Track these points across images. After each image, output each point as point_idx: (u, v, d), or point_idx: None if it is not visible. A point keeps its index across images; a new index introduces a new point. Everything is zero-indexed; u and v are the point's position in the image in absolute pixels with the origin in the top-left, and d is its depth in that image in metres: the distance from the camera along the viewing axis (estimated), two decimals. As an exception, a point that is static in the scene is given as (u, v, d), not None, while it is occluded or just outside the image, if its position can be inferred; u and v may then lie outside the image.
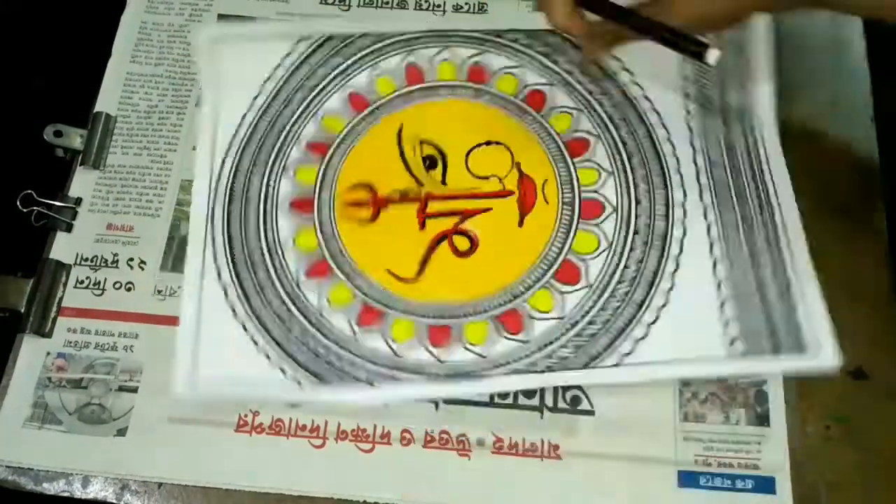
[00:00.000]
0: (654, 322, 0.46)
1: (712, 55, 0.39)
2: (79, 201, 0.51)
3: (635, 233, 0.48)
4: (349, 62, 0.54)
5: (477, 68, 0.54)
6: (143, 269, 0.50)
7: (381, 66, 0.54)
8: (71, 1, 0.59)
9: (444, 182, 0.50)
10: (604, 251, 0.48)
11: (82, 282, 0.49)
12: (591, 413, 0.45)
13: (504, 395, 0.45)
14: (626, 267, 0.47)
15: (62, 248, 0.50)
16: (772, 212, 0.48)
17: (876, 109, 0.52)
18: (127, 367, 0.47)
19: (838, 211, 0.49)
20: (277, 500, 0.44)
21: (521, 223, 0.49)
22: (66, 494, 0.44)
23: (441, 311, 0.47)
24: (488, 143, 0.51)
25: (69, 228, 0.51)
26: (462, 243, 0.49)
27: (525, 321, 0.46)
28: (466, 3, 0.57)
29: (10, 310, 0.48)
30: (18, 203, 0.51)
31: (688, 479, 0.43)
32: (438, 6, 0.57)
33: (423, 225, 0.49)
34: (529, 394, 0.45)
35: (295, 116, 0.52)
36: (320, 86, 0.53)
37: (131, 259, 0.50)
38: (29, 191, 0.51)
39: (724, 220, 0.48)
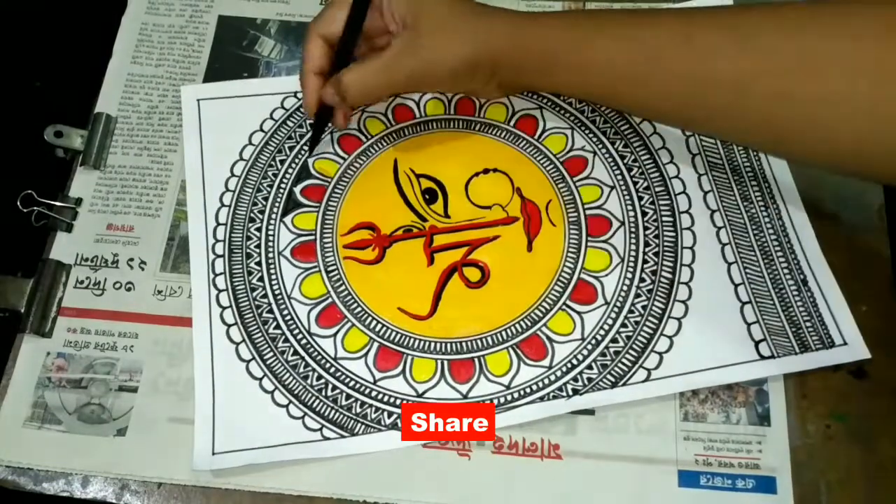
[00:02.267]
0: (676, 333, 0.46)
1: None
2: (79, 201, 0.52)
3: (646, 245, 0.48)
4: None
5: (464, 101, 0.53)
6: (143, 269, 0.50)
7: (368, 109, 0.53)
8: (71, 1, 0.59)
9: (446, 215, 0.49)
10: (616, 266, 0.47)
11: (82, 282, 0.49)
12: (591, 413, 0.45)
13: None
14: (641, 280, 0.47)
15: (62, 248, 0.50)
16: (777, 209, 0.48)
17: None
18: (127, 367, 0.47)
19: (838, 211, 0.49)
20: (277, 500, 0.44)
21: (529, 248, 0.48)
22: (65, 494, 0.44)
23: (460, 345, 0.46)
24: (486, 171, 0.50)
25: (69, 228, 0.51)
26: (473, 274, 0.48)
27: (546, 346, 0.46)
28: (466, 4, 0.57)
29: (10, 310, 0.48)
30: (19, 203, 0.51)
31: (688, 478, 0.43)
32: (438, 7, 0.57)
33: (431, 260, 0.48)
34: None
35: (286, 164, 0.52)
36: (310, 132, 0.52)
37: (131, 259, 0.50)
38: (29, 191, 0.51)
39: (732, 222, 0.48)
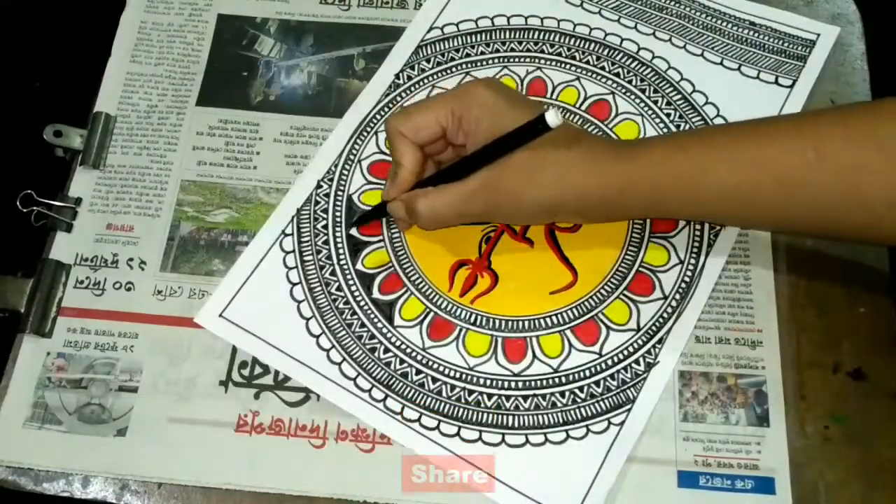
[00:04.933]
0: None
1: (552, 118, 0.38)
2: (79, 201, 0.51)
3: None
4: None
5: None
6: (143, 269, 0.50)
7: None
8: (71, 1, 0.59)
9: None
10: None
11: (82, 282, 0.49)
12: (591, 413, 0.45)
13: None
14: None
15: (62, 248, 0.50)
16: None
17: (876, 109, 0.52)
18: (127, 367, 0.47)
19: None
20: (278, 500, 0.44)
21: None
22: (66, 494, 0.44)
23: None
24: None
25: (69, 228, 0.51)
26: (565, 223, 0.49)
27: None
28: (466, 3, 0.57)
29: (10, 310, 0.48)
30: (18, 203, 0.51)
31: (688, 479, 0.43)
32: (438, 6, 0.57)
33: (530, 243, 0.49)
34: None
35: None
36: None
37: (131, 259, 0.50)
38: (29, 191, 0.51)
39: None
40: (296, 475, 0.44)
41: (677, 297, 0.47)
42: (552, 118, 0.39)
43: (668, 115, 0.52)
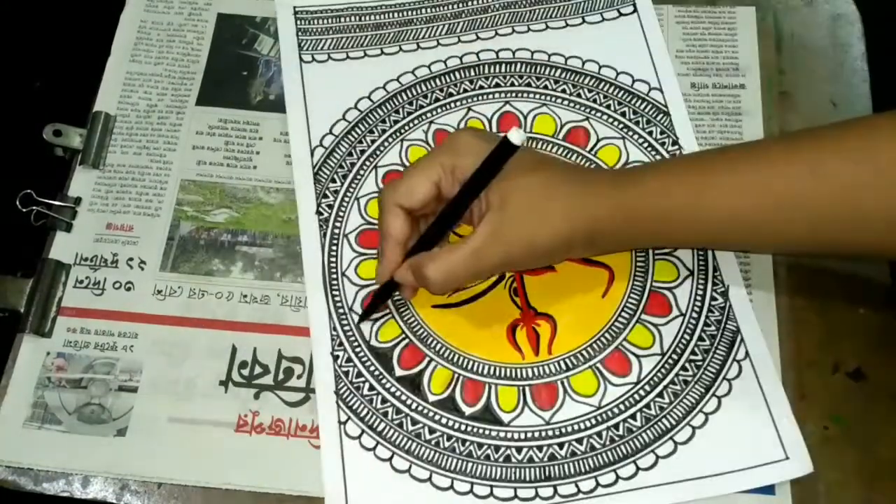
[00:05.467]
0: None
1: (515, 137, 0.39)
2: (78, 201, 0.51)
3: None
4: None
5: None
6: (142, 268, 0.50)
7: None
8: (71, 1, 0.59)
9: None
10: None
11: (82, 281, 0.49)
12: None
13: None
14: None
15: (62, 247, 0.50)
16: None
17: (876, 109, 0.52)
18: (127, 367, 0.47)
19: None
20: (278, 500, 0.44)
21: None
22: (65, 494, 0.44)
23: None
24: None
25: (69, 228, 0.51)
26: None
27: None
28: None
29: (10, 310, 0.48)
30: (18, 203, 0.51)
31: (688, 479, 0.43)
32: (438, 6, 0.57)
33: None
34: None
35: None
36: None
37: (131, 259, 0.50)
38: (28, 190, 0.51)
39: None
40: (296, 475, 0.44)
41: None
42: (515, 137, 0.39)
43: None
